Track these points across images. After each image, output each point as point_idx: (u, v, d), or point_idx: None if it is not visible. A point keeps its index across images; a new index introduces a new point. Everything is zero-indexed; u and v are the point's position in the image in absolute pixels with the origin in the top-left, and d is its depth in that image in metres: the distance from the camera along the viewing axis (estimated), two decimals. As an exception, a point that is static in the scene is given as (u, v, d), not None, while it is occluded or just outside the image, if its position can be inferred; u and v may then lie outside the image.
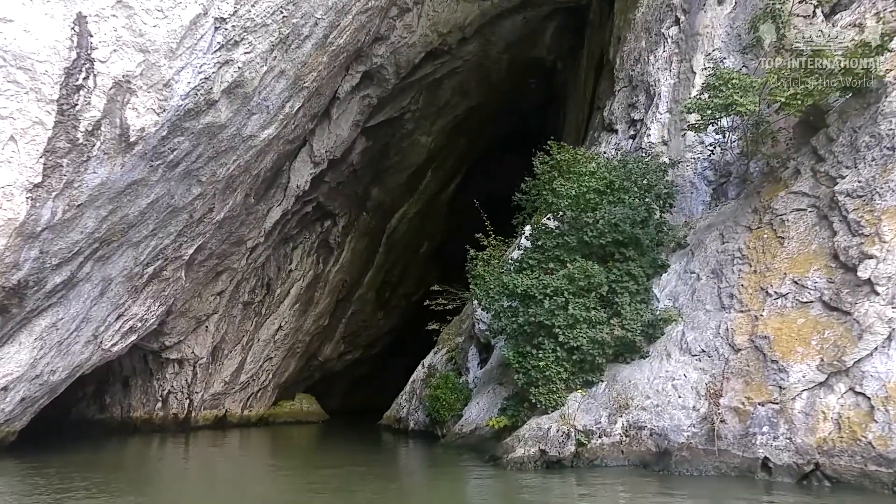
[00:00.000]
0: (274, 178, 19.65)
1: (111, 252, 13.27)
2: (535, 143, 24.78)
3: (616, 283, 12.18)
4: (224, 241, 19.13)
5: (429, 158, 26.84)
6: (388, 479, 11.77)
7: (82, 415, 23.10)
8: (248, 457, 17.05)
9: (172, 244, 14.83)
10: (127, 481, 12.08)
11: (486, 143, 30.35)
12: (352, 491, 10.02)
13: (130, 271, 14.14)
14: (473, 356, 17.71)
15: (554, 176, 13.01)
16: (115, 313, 14.73)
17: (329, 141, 20.69)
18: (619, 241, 12.39)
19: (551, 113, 27.67)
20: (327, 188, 23.46)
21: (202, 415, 23.18)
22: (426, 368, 20.29)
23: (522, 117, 29.66)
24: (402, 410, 20.74)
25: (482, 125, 28.37)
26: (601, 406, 11.02)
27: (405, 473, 12.68)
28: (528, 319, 12.29)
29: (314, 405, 29.19)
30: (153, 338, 20.74)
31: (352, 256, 27.59)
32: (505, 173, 34.34)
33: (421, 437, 18.36)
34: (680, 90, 15.35)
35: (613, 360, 11.79)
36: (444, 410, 17.23)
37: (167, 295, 16.15)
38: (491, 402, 14.27)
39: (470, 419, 14.48)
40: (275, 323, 25.14)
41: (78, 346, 14.17)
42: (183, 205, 13.98)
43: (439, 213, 32.21)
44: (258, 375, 25.37)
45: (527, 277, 12.62)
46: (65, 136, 11.03)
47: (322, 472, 12.78)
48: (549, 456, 10.58)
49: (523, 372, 12.32)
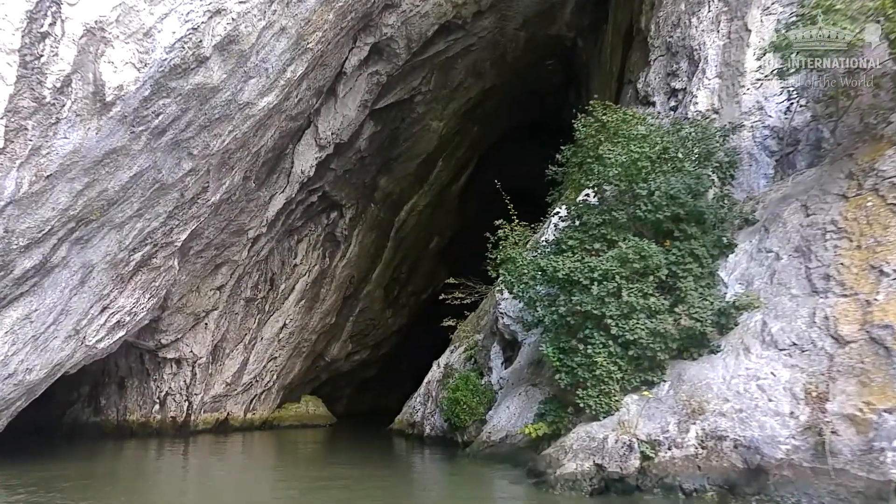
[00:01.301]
0: (276, 162, 17.69)
1: (90, 234, 11.30)
2: (552, 133, 22.74)
3: (677, 265, 10.17)
4: (222, 229, 17.17)
5: (440, 146, 24.87)
6: (411, 500, 9.82)
7: (76, 418, 21.14)
8: (251, 466, 15.05)
9: (162, 227, 12.85)
10: (112, 495, 10.22)
11: (500, 130, 28.36)
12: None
13: (114, 257, 12.16)
14: (496, 354, 15.71)
15: (599, 140, 11.01)
16: (99, 305, 12.75)
17: (335, 122, 18.74)
18: (679, 216, 10.39)
19: (571, 96, 25.66)
20: (333, 176, 21.50)
21: (202, 418, 21.19)
22: (442, 368, 18.29)
23: (539, 103, 27.67)
24: (416, 414, 18.74)
25: (496, 111, 26.40)
26: (667, 411, 9.01)
27: (431, 493, 10.66)
28: (572, 309, 10.29)
29: (321, 408, 27.19)
30: (148, 335, 18.79)
31: (359, 251, 25.62)
32: (518, 166, 32.57)
33: (439, 445, 16.35)
34: (731, 52, 13.37)
35: (677, 356, 9.80)
36: (465, 415, 15.24)
37: (158, 286, 14.17)
38: (523, 405, 12.27)
39: (499, 425, 12.48)
40: (279, 321, 23.18)
41: (57, 341, 12.18)
42: (172, 181, 12.01)
43: (450, 206, 30.23)
44: (261, 376, 23.39)
45: (568, 260, 10.63)
46: (29, 93, 9.08)
47: (331, 489, 10.82)
48: (608, 472, 8.56)
49: (566, 371, 10.32)
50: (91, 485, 11.48)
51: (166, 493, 11.20)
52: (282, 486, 11.89)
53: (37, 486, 10.58)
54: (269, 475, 13.62)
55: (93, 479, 12.39)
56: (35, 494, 9.93)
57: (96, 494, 10.36)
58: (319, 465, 14.95)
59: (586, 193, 12.21)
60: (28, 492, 10.10)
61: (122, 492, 10.87)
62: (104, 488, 11.12)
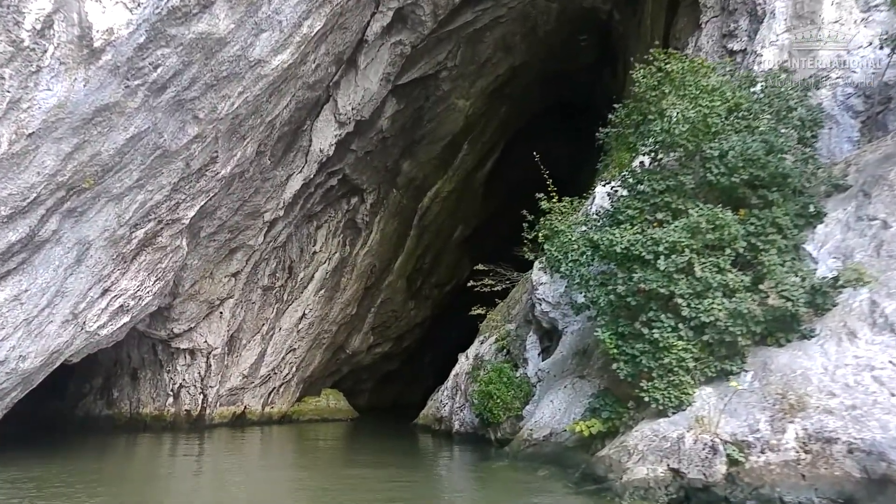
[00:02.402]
0: (293, 138, 16.28)
1: (85, 206, 9.95)
2: (582, 116, 20.95)
3: (756, 236, 8.55)
4: (236, 210, 15.81)
5: (466, 128, 23.31)
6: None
7: (88, 411, 19.96)
8: (268, 464, 13.66)
9: (166, 202, 11.49)
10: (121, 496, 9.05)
11: (529, 113, 26.70)
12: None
13: (113, 233, 10.81)
14: (532, 345, 14.15)
15: (662, 93, 9.37)
16: (99, 287, 11.42)
17: (356, 96, 17.28)
18: (757, 180, 8.76)
19: (605, 75, 23.94)
20: (354, 158, 20.06)
21: (218, 412, 19.91)
22: (471, 360, 16.78)
23: (569, 83, 25.97)
24: (443, 409, 17.26)
25: (525, 90, 24.75)
26: (755, 406, 7.40)
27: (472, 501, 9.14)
28: (633, 288, 8.71)
29: (342, 402, 25.82)
30: (160, 324, 17.53)
31: (381, 239, 24.18)
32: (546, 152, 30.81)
33: (469, 442, 14.84)
34: (804, 2, 11.66)
35: (760, 342, 8.18)
36: (499, 410, 13.71)
37: (165, 268, 12.82)
38: (569, 400, 10.71)
39: (541, 422, 10.92)
40: (298, 310, 21.82)
41: (53, 326, 10.86)
42: (176, 148, 10.62)
43: (475, 193, 28.64)
44: (280, 368, 22.07)
45: (627, 232, 9.05)
46: (5, 35, 7.73)
47: (355, 491, 9.39)
48: (688, 479, 6.98)
49: (626, 359, 8.75)
50: (100, 481, 10.28)
51: (178, 493, 9.93)
52: (301, 486, 10.56)
53: (42, 484, 9.57)
54: (287, 474, 12.27)
55: (102, 475, 11.24)
56: (40, 492, 8.92)
57: (106, 492, 9.32)
58: (341, 463, 13.53)
59: (640, 161, 10.58)
60: (33, 489, 9.07)
61: (132, 490, 9.78)
62: (113, 487, 9.97)
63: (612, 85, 23.78)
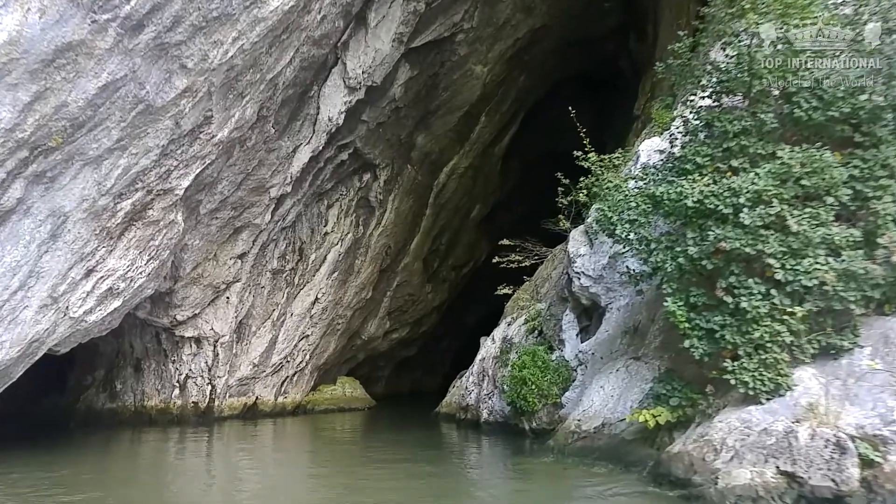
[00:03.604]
0: (299, 104, 14.71)
1: (56, 170, 8.45)
2: (603, 89, 19.23)
3: (864, 181, 6.89)
4: (239, 184, 14.29)
5: (483, 97, 21.60)
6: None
7: (91, 404, 18.63)
8: (281, 460, 12.21)
9: (155, 168, 9.96)
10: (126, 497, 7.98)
11: (548, 83, 24.95)
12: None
13: (94, 204, 9.31)
14: (570, 324, 12.56)
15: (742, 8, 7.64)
16: (82, 267, 9.93)
17: (366, 58, 15.65)
18: (861, 113, 7.09)
19: (630, 41, 22.12)
20: (365, 130, 18.47)
21: (227, 403, 18.54)
22: (498, 343, 15.24)
23: (590, 52, 24.17)
24: (468, 396, 15.76)
25: (545, 57, 22.98)
26: (884, 389, 5.80)
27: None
28: (709, 248, 7.10)
29: (358, 390, 24.40)
30: (161, 311, 16.12)
31: (395, 218, 22.62)
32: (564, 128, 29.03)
33: (500, 433, 13.33)
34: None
35: (877, 310, 6.56)
36: (534, 397, 12.19)
37: (159, 246, 11.33)
38: (623, 385, 9.13)
39: (590, 411, 9.34)
40: (310, 294, 20.35)
41: (29, 311, 9.40)
42: (162, 104, 9.08)
43: (492, 169, 26.96)
44: (293, 356, 20.66)
45: (697, 183, 7.41)
46: (-63, -46, 6.24)
47: (378, 490, 7.93)
48: (810, 486, 5.38)
49: (700, 335, 7.14)
50: (104, 484, 9.13)
51: (188, 494, 8.58)
52: (321, 484, 9.15)
53: (39, 488, 8.40)
54: (305, 471, 10.89)
55: (106, 476, 9.98)
56: (37, 494, 7.85)
57: (111, 494, 8.22)
58: (362, 458, 12.05)
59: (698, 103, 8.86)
60: (31, 495, 7.92)
61: (139, 489, 8.73)
62: (118, 490, 8.74)
63: (639, 50, 22.00)
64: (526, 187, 31.06)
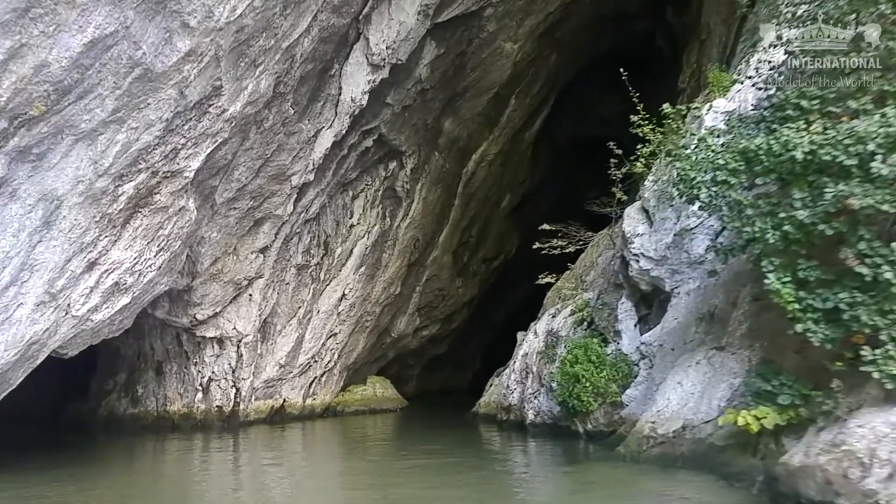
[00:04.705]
0: (319, 83, 13.49)
1: (44, 145, 7.31)
2: (637, 69, 17.87)
3: None
4: (258, 170, 13.13)
5: (513, 78, 20.19)
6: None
7: (112, 410, 17.69)
8: (313, 470, 10.97)
9: (160, 146, 8.78)
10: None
11: (580, 62, 23.42)
12: None
13: (91, 186, 8.16)
14: (627, 313, 11.10)
15: None
16: (82, 259, 8.80)
17: (390, 32, 14.36)
18: None
19: (669, 14, 20.49)
20: (390, 114, 17.20)
21: (253, 406, 17.44)
22: (542, 337, 13.83)
23: (624, 30, 22.61)
24: (510, 395, 14.37)
25: (577, 35, 21.48)
26: None
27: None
28: (825, 210, 5.64)
29: (389, 390, 23.19)
30: (180, 309, 15.06)
31: (423, 209, 21.33)
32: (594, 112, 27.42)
33: (549, 436, 11.93)
34: None
35: None
36: (588, 395, 10.80)
37: (169, 235, 10.17)
38: (705, 380, 7.67)
39: (666, 412, 7.90)
40: (337, 290, 19.17)
41: (24, 309, 8.28)
42: (163, 69, 7.89)
43: (522, 157, 25.51)
44: (321, 356, 19.50)
45: (803, 132, 5.94)
46: None
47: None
48: None
49: (817, 317, 5.70)
50: (131, 495, 8.47)
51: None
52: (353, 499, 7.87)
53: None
54: (335, 482, 9.65)
55: (135, 490, 8.99)
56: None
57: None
58: (397, 465, 10.78)
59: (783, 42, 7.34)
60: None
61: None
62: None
63: (679, 22, 20.38)
64: (556, 176, 29.56)
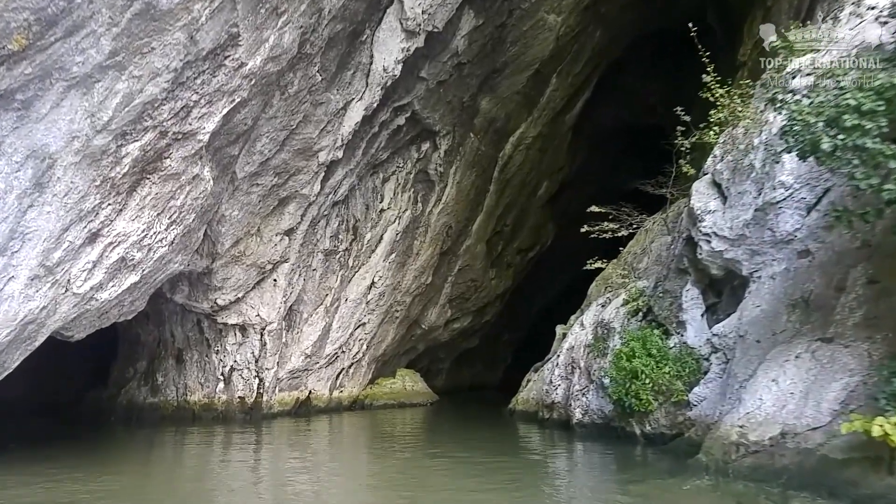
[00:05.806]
0: (349, 49, 12.32)
1: (29, 90, 6.25)
2: (683, 50, 16.29)
3: None
4: (283, 142, 12.04)
5: (555, 54, 18.76)
6: None
7: (132, 398, 16.88)
8: (339, 470, 9.83)
9: (169, 100, 7.68)
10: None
11: (624, 40, 21.86)
12: None
13: (88, 144, 7.10)
14: (693, 301, 9.66)
15: None
16: (82, 228, 7.76)
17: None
18: None
19: None
20: (425, 89, 15.96)
21: (277, 398, 16.46)
22: (590, 329, 12.44)
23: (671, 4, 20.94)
24: (553, 392, 13.04)
25: (623, 12, 19.96)
26: None
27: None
28: None
29: (419, 384, 22.06)
30: (200, 293, 14.10)
31: (457, 194, 20.08)
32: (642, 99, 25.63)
33: (600, 438, 10.57)
34: None
35: None
36: (648, 393, 9.45)
37: (182, 206, 9.08)
38: (810, 377, 6.25)
39: (758, 415, 6.50)
40: (366, 278, 18.08)
41: (16, 284, 7.27)
42: (168, 6, 6.76)
43: (562, 141, 24.02)
44: (349, 346, 18.45)
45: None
46: None
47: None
48: None
49: None
50: (145, 486, 7.84)
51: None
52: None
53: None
54: (362, 479, 8.53)
55: (148, 479, 8.40)
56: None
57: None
58: (429, 466, 9.54)
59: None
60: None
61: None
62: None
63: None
64: (596, 165, 27.97)
